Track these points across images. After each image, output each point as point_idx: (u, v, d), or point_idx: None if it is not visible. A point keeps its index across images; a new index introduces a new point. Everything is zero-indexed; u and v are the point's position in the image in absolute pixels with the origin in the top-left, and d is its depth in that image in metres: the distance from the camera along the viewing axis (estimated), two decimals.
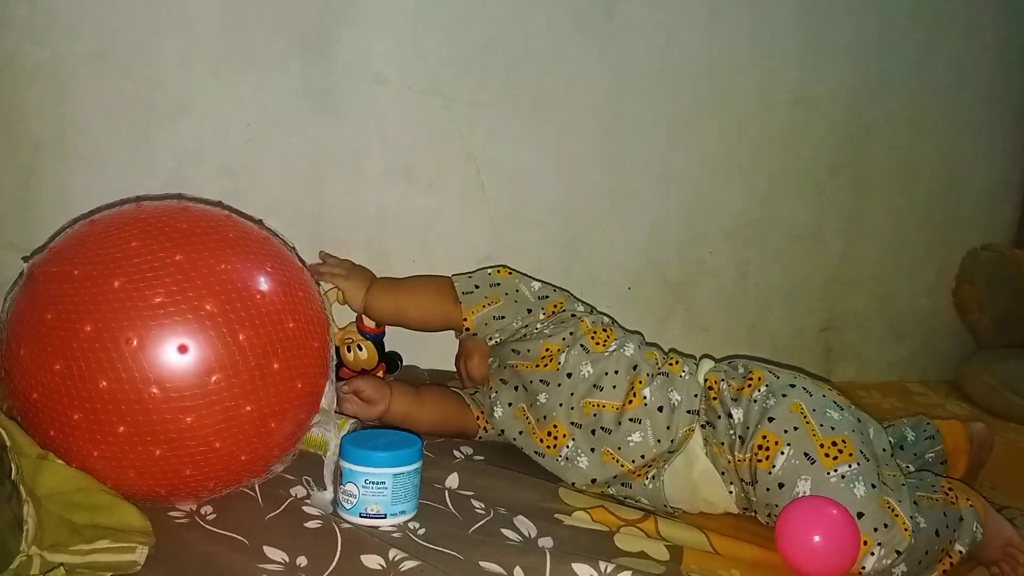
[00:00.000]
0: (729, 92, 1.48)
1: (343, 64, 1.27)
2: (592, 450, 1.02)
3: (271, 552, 0.76)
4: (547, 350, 1.05)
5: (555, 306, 1.09)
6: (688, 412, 1.00)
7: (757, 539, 0.94)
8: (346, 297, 1.12)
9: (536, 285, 1.12)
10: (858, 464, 0.90)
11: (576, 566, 0.79)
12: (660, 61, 1.43)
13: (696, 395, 1.01)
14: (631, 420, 1.00)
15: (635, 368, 1.03)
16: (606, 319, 1.12)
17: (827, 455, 0.91)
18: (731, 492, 0.98)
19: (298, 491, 0.87)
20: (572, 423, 1.03)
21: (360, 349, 1.20)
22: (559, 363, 1.04)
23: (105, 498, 0.74)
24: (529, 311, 1.08)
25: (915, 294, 1.68)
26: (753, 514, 0.98)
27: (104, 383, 0.72)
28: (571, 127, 1.40)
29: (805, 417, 0.94)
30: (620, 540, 0.89)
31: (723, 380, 1.01)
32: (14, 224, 1.18)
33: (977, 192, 1.69)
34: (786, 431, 0.93)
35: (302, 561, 0.75)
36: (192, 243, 0.78)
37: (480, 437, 1.14)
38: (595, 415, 1.02)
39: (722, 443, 0.98)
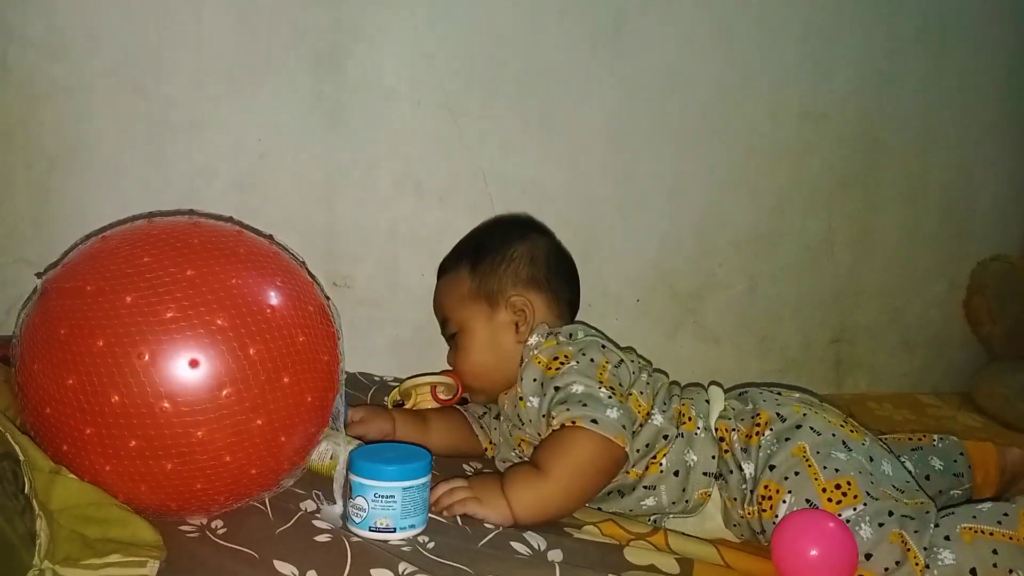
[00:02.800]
0: (738, 106, 1.48)
1: (354, 79, 1.29)
2: (599, 509, 0.99)
3: (281, 566, 0.76)
4: None
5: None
6: (704, 474, 0.96)
7: (768, 553, 0.93)
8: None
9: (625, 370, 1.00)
10: (864, 505, 0.86)
11: None
12: (669, 75, 1.43)
13: (713, 456, 0.96)
14: (645, 488, 0.97)
15: (664, 438, 0.97)
16: (650, 382, 1.02)
17: (830, 499, 0.88)
18: (740, 538, 0.97)
19: (308, 505, 0.87)
20: None
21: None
22: None
23: (117, 512, 0.75)
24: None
25: (926, 306, 1.67)
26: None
27: (116, 397, 0.73)
28: (580, 141, 1.41)
29: (807, 461, 0.91)
30: (630, 553, 0.89)
31: (733, 429, 0.97)
32: (29, 240, 1.20)
33: (987, 203, 1.68)
34: (786, 478, 0.90)
35: (312, 575, 0.75)
36: (203, 258, 0.79)
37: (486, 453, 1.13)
38: (616, 480, 0.97)
39: (735, 499, 0.95)
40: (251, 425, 0.76)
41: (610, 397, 0.93)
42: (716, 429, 0.98)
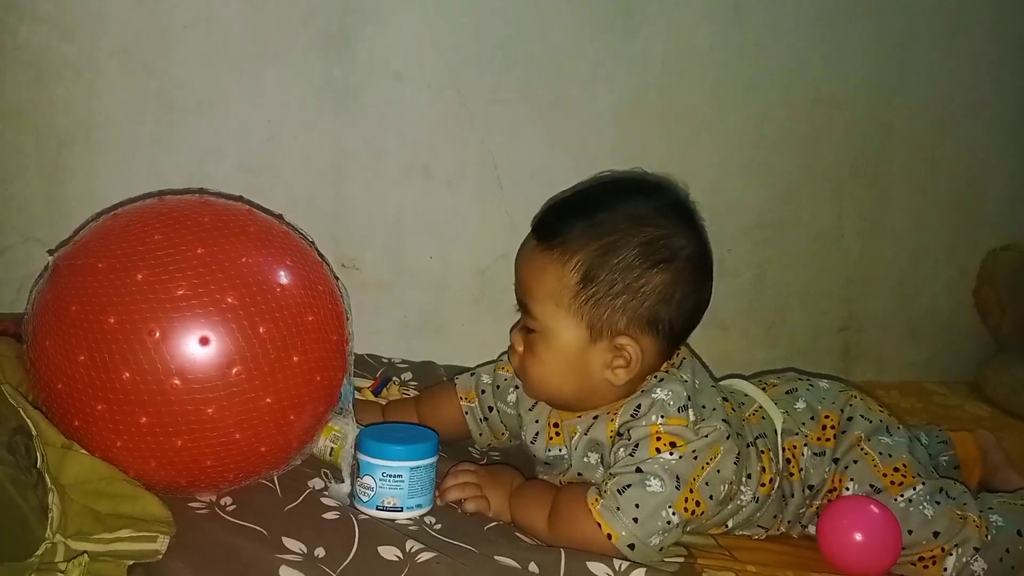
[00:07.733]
0: (749, 90, 1.47)
1: (363, 62, 1.28)
2: None
3: (290, 543, 0.76)
4: None
5: None
6: (759, 527, 0.94)
7: (768, 544, 0.94)
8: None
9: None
10: (922, 484, 0.90)
11: (591, 564, 0.79)
12: (680, 60, 1.42)
13: (776, 516, 0.93)
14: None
15: (740, 509, 0.91)
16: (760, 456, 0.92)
17: (892, 482, 0.90)
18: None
19: (316, 483, 0.87)
20: None
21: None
22: None
23: (127, 488, 0.76)
24: None
25: (936, 295, 1.66)
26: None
27: (127, 374, 0.73)
28: (590, 125, 1.40)
29: (863, 449, 0.93)
30: None
31: (805, 445, 0.93)
32: (40, 219, 1.20)
33: (999, 193, 1.67)
34: (847, 467, 0.93)
35: (320, 552, 0.76)
36: (214, 237, 0.79)
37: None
38: None
39: (789, 521, 0.94)
40: (261, 403, 0.77)
41: (676, 526, 0.82)
42: (784, 449, 0.93)
